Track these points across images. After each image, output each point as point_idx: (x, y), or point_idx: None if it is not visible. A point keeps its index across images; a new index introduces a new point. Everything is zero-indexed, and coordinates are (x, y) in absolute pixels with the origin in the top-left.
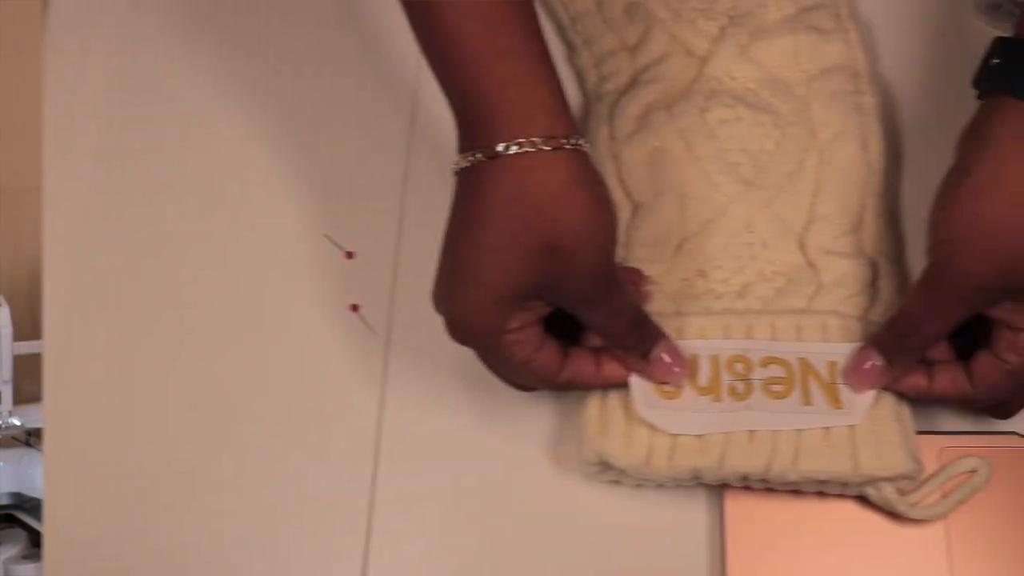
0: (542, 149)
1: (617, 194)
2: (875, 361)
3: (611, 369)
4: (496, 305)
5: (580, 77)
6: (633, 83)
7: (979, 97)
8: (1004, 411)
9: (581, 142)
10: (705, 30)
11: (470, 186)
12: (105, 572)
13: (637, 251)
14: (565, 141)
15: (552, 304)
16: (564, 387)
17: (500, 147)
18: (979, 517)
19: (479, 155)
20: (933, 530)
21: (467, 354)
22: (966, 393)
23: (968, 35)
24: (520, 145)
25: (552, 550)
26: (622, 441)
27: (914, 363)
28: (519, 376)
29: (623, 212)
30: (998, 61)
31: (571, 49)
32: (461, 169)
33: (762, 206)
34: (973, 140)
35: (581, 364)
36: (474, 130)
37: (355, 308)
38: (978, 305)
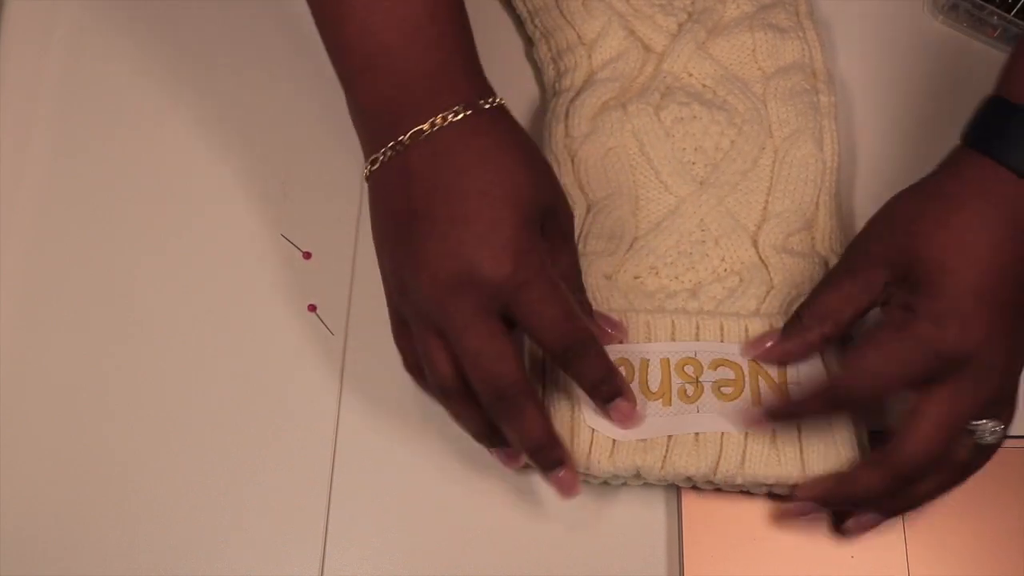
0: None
1: (573, 191)
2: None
3: None
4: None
5: (539, 71)
6: (590, 80)
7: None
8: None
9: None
10: (664, 25)
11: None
12: (54, 571)
13: (593, 243)
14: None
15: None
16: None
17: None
18: (935, 515)
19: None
20: (890, 528)
21: None
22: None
23: (925, 35)
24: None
25: (509, 547)
26: (565, 437)
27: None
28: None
29: (579, 208)
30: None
31: (530, 43)
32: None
33: (715, 204)
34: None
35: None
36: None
37: (313, 308)
38: (872, 277)
